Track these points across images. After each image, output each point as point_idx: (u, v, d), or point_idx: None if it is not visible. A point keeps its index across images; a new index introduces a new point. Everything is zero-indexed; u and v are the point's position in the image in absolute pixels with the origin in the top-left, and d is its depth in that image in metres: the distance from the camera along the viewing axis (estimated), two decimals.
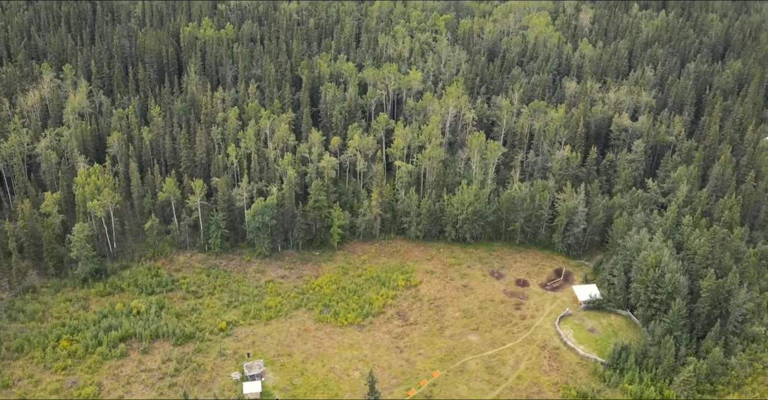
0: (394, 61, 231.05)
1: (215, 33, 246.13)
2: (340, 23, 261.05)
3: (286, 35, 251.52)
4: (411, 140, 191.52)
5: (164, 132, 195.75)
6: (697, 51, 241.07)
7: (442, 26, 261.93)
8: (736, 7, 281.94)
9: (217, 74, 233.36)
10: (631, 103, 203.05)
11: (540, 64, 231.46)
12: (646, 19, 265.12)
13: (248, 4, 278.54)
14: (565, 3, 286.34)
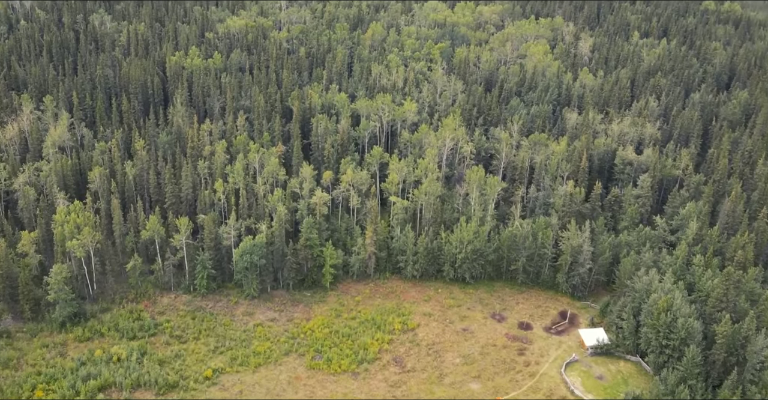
0: (388, 92, 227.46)
1: (203, 62, 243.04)
2: (332, 52, 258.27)
3: (276, 65, 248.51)
4: (406, 175, 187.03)
5: (148, 166, 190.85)
6: (701, 80, 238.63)
7: (437, 55, 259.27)
8: (739, 34, 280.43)
9: (204, 105, 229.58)
10: (635, 136, 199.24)
11: (539, 94, 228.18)
12: (648, 48, 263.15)
13: (237, 32, 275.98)
14: (563, 31, 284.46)
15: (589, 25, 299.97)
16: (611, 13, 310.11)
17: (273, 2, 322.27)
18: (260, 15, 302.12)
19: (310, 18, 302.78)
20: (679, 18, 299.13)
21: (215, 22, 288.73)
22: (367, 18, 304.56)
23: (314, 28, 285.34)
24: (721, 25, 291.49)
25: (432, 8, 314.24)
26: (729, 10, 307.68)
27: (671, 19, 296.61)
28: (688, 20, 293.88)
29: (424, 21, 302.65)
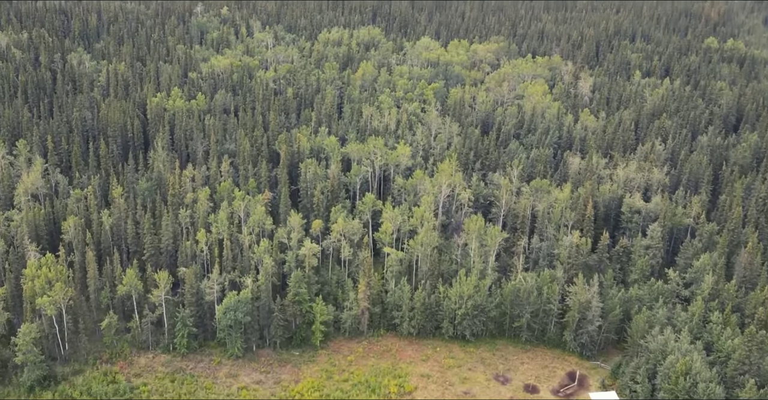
0: (380, 135, 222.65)
1: (185, 104, 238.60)
2: (321, 93, 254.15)
3: (263, 106, 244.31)
4: (401, 224, 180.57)
5: (126, 215, 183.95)
6: (708, 122, 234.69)
7: (430, 96, 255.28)
8: (744, 73, 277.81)
9: (187, 149, 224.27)
10: (641, 181, 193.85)
11: (539, 137, 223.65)
12: (650, 88, 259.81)
13: (222, 71, 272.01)
14: (562, 70, 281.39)
15: (588, 63, 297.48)
16: (611, 52, 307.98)
17: (259, 40, 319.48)
18: (246, 54, 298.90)
19: (298, 57, 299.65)
20: (682, 56, 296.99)
21: (199, 61, 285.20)
22: (357, 57, 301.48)
23: (302, 68, 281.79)
24: (725, 63, 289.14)
25: (424, 47, 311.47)
26: (732, 48, 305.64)
27: (673, 58, 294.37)
28: (691, 59, 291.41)
29: (416, 60, 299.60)
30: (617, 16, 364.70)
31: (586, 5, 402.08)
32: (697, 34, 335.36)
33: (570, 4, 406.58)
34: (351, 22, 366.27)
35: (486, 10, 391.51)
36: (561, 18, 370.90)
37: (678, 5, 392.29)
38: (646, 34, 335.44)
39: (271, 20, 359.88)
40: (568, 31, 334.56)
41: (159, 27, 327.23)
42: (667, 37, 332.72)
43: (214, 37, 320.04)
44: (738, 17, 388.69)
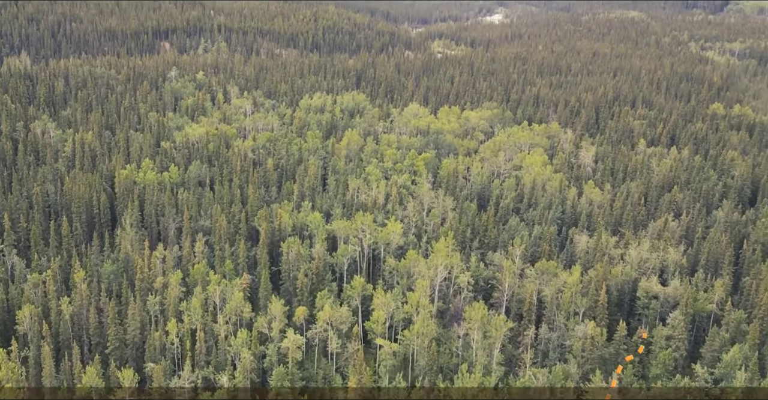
0: (368, 210, 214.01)
1: (157, 176, 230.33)
2: (304, 164, 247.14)
3: (241, 178, 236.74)
4: (394, 311, 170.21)
5: (89, 303, 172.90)
6: (722, 195, 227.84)
7: (421, 167, 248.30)
8: (755, 142, 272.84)
9: (158, 226, 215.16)
10: (656, 262, 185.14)
11: (541, 212, 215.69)
12: (657, 158, 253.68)
13: (197, 140, 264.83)
14: (561, 138, 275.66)
15: (589, 131, 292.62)
16: (611, 118, 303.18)
17: (237, 107, 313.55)
18: (223, 121, 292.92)
19: (278, 125, 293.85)
20: (687, 124, 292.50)
21: (172, 129, 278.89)
22: (342, 124, 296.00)
23: (283, 137, 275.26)
24: (734, 131, 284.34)
25: (413, 114, 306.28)
26: (740, 114, 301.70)
27: (678, 125, 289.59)
28: (697, 126, 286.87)
29: (404, 128, 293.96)
30: (615, 81, 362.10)
31: (581, 69, 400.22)
32: (701, 99, 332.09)
33: (564, 67, 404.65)
34: (334, 87, 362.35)
35: (476, 75, 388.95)
36: (556, 82, 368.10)
37: (678, 69, 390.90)
38: (647, 99, 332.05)
39: (250, 85, 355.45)
40: (564, 97, 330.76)
41: (130, 93, 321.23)
42: (670, 102, 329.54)
43: (189, 103, 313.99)
44: (741, 81, 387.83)
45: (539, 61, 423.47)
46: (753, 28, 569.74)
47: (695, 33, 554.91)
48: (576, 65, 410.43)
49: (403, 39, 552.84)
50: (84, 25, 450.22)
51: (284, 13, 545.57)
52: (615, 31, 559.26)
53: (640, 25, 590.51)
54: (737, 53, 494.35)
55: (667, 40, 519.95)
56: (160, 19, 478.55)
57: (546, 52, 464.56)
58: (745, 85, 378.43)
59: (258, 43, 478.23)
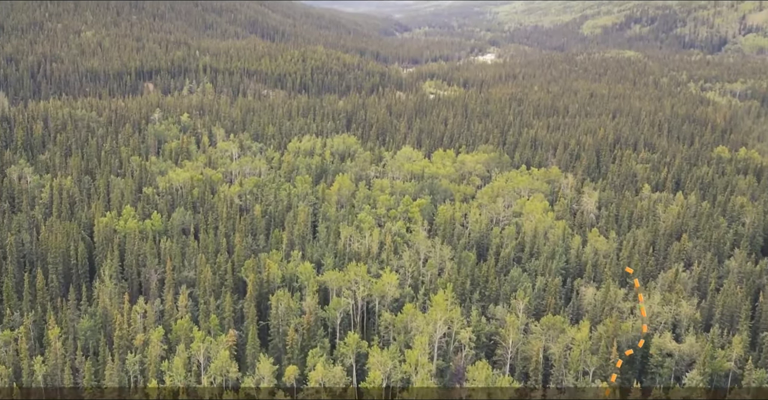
0: (362, 260, 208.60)
1: (138, 224, 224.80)
2: (293, 210, 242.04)
3: (227, 226, 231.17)
4: (391, 370, 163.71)
5: (63, 363, 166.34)
6: (733, 244, 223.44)
7: (416, 213, 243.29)
8: (763, 187, 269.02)
9: (138, 277, 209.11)
10: (669, 316, 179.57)
11: (544, 262, 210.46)
12: (663, 204, 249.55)
13: (181, 186, 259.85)
14: (562, 183, 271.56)
15: (590, 176, 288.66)
16: (613, 162, 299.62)
17: (223, 150, 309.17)
18: (208, 165, 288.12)
19: (266, 169, 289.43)
20: (692, 168, 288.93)
21: (155, 174, 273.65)
22: (332, 168, 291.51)
23: (271, 181, 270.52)
24: (741, 175, 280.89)
25: (406, 157, 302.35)
26: (746, 158, 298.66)
27: (683, 169, 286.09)
28: (703, 170, 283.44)
29: (397, 172, 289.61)
30: (615, 122, 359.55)
31: (578, 110, 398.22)
32: (704, 142, 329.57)
33: (561, 109, 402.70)
34: (324, 129, 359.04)
35: (471, 116, 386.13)
36: (553, 124, 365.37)
37: (679, 110, 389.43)
38: (649, 141, 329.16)
39: (236, 128, 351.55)
40: (563, 139, 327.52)
41: (112, 136, 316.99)
42: (673, 145, 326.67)
43: (173, 147, 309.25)
44: (744, 123, 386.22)
45: (535, 102, 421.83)
46: (753, 68, 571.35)
47: (694, 73, 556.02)
48: (573, 106, 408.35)
49: (393, 79, 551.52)
50: (65, 65, 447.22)
51: (272, 53, 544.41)
52: (612, 71, 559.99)
53: (637, 65, 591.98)
54: (738, 94, 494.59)
55: (665, 81, 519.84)
56: (143, 59, 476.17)
57: (542, 92, 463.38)
58: (748, 127, 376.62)
59: (245, 84, 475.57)
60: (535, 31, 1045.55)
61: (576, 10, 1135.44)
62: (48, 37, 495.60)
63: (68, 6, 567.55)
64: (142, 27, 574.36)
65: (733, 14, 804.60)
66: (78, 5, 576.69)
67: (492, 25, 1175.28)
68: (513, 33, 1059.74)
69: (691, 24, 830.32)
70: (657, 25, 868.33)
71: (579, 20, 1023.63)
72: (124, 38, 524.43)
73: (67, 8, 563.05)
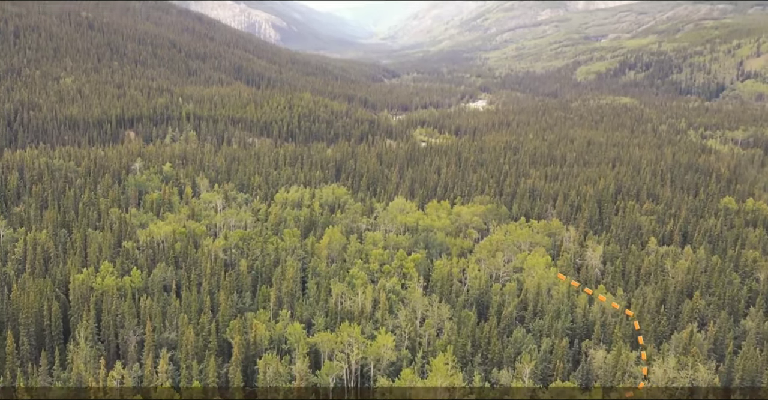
0: (355, 320, 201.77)
1: (117, 281, 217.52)
2: (281, 265, 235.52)
3: (211, 283, 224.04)
4: None
5: None
6: (747, 302, 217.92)
7: (411, 269, 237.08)
8: None
9: (116, 339, 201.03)
10: (686, 381, 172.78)
11: (549, 322, 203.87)
12: (672, 258, 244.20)
13: (162, 239, 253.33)
14: (564, 236, 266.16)
15: (593, 228, 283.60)
16: (616, 214, 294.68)
17: (207, 201, 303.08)
18: (191, 218, 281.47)
19: (252, 221, 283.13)
20: (699, 220, 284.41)
21: (136, 227, 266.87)
22: (321, 221, 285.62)
23: (257, 235, 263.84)
24: (750, 228, 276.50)
25: (399, 208, 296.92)
26: (755, 209, 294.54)
27: (689, 221, 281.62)
28: (710, 222, 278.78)
29: (390, 225, 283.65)
30: (615, 172, 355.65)
31: (576, 159, 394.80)
32: (709, 192, 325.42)
33: (559, 157, 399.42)
34: (312, 179, 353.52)
35: (465, 166, 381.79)
36: (551, 174, 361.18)
37: (681, 159, 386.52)
38: (652, 192, 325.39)
39: (221, 178, 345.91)
40: (563, 190, 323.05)
41: (90, 187, 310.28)
42: (677, 195, 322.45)
43: (155, 198, 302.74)
44: (749, 172, 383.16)
45: (531, 150, 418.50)
46: (754, 115, 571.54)
47: (693, 120, 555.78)
48: (571, 155, 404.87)
49: (383, 127, 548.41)
50: (43, 113, 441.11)
51: (257, 100, 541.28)
52: (608, 119, 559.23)
53: (634, 112, 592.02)
54: (740, 142, 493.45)
55: (664, 128, 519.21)
56: (124, 106, 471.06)
57: (537, 140, 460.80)
58: (753, 176, 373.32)
59: (229, 132, 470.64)
60: (526, 77, 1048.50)
61: (568, 56, 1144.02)
62: (26, 83, 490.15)
63: (47, 52, 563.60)
64: (124, 73, 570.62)
65: (730, 60, 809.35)
66: (57, 51, 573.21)
67: (482, 71, 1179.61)
68: (504, 79, 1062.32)
69: (687, 70, 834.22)
70: (652, 71, 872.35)
71: (572, 66, 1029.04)
72: (104, 85, 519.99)
73: (46, 55, 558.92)
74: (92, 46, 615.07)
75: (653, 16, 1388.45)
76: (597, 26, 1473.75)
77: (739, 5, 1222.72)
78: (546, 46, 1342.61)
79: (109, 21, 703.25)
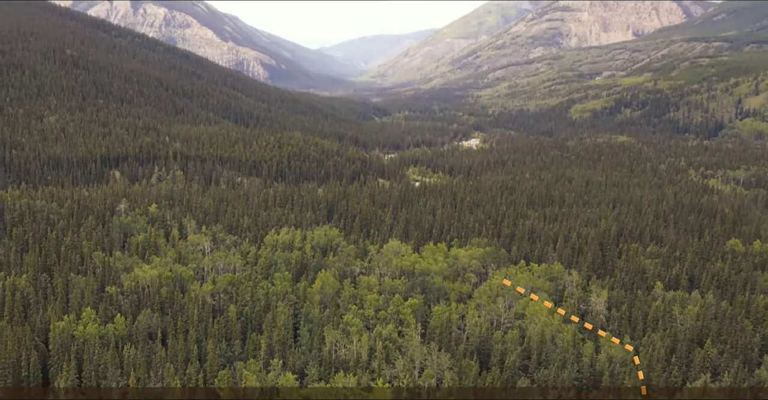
0: (350, 370, 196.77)
1: (99, 329, 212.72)
2: (271, 311, 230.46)
3: (198, 330, 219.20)
4: None
5: None
6: (761, 349, 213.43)
7: (408, 315, 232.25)
8: None
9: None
10: None
11: (555, 372, 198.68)
12: (679, 304, 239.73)
13: (148, 284, 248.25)
14: (566, 281, 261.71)
15: (596, 272, 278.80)
16: (619, 257, 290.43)
17: (194, 244, 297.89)
18: (178, 261, 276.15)
19: (241, 265, 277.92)
20: (705, 263, 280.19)
21: (120, 271, 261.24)
22: (313, 264, 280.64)
23: (247, 279, 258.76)
24: (759, 271, 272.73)
25: (394, 251, 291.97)
26: (762, 252, 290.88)
27: (696, 265, 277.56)
28: (717, 266, 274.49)
29: (385, 268, 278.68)
30: (616, 213, 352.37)
31: (575, 199, 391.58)
32: (715, 234, 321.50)
33: (557, 198, 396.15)
34: (303, 220, 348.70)
35: (461, 206, 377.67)
36: (550, 215, 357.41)
37: (683, 199, 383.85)
38: (655, 234, 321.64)
39: (209, 219, 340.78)
40: (563, 232, 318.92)
41: (73, 229, 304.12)
42: (681, 237, 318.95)
43: (140, 240, 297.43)
44: (753, 213, 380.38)
45: (528, 190, 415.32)
46: (755, 154, 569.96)
47: (693, 160, 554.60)
48: (570, 195, 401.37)
49: (375, 166, 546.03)
50: (26, 152, 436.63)
51: (246, 138, 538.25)
52: (606, 158, 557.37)
53: (632, 151, 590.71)
54: (742, 182, 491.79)
55: (664, 167, 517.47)
56: (110, 145, 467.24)
57: (534, 180, 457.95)
58: (758, 217, 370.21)
59: (217, 172, 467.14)
60: (520, 115, 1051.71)
61: (562, 94, 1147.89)
62: (8, 122, 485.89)
63: (31, 90, 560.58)
64: (109, 112, 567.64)
65: (728, 98, 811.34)
66: (41, 89, 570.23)
67: (475, 109, 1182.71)
68: (497, 117, 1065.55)
69: (684, 108, 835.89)
70: (648, 109, 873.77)
71: (566, 104, 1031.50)
72: (89, 123, 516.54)
73: (29, 93, 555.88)
74: (77, 84, 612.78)
75: (647, 53, 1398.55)
76: (590, 64, 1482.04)
77: (734, 43, 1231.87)
78: (539, 83, 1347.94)
79: (95, 58, 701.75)
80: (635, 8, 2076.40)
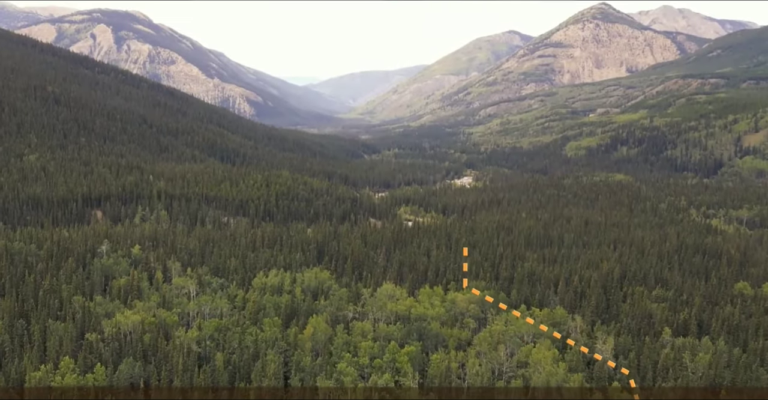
0: None
1: (78, 379, 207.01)
2: (261, 360, 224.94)
3: (183, 380, 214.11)
4: None
5: None
6: None
7: (405, 363, 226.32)
8: None
9: None
10: None
11: None
12: (690, 351, 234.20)
13: (130, 330, 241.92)
14: (569, 326, 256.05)
15: (600, 317, 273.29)
16: (624, 301, 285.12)
17: (179, 287, 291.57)
18: (162, 306, 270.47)
19: (229, 309, 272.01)
20: (714, 307, 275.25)
21: (101, 317, 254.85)
22: (304, 308, 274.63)
23: (234, 324, 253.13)
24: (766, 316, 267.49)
25: (388, 295, 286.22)
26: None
27: (704, 309, 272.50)
28: (726, 310, 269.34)
29: (380, 313, 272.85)
30: (618, 254, 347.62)
31: (575, 240, 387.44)
32: (721, 277, 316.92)
33: (556, 238, 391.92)
34: (292, 262, 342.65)
35: (456, 248, 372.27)
36: (549, 256, 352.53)
37: (686, 240, 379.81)
38: (660, 276, 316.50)
39: (194, 261, 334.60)
40: (564, 274, 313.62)
41: (52, 272, 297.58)
42: (686, 280, 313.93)
43: (122, 284, 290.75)
44: (759, 254, 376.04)
45: (525, 230, 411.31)
46: (758, 193, 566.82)
47: (693, 199, 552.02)
48: (568, 236, 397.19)
49: (366, 205, 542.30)
50: (4, 192, 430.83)
51: (232, 177, 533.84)
52: (604, 196, 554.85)
53: (630, 190, 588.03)
54: (746, 222, 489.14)
55: (664, 206, 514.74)
56: (91, 184, 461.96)
57: (531, 220, 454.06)
58: (765, 258, 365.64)
59: (203, 211, 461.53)
60: (513, 153, 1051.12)
61: (556, 131, 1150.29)
62: None
63: (10, 128, 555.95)
64: (91, 150, 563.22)
65: (727, 136, 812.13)
66: (21, 127, 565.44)
67: (467, 147, 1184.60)
68: (490, 155, 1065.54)
69: (681, 146, 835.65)
70: (645, 146, 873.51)
71: (560, 141, 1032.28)
72: (71, 162, 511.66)
73: (9, 130, 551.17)
74: (58, 121, 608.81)
75: (642, 90, 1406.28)
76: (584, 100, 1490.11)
77: (731, 80, 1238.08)
78: (532, 120, 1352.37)
79: (77, 95, 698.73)
80: (628, 45, 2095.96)
